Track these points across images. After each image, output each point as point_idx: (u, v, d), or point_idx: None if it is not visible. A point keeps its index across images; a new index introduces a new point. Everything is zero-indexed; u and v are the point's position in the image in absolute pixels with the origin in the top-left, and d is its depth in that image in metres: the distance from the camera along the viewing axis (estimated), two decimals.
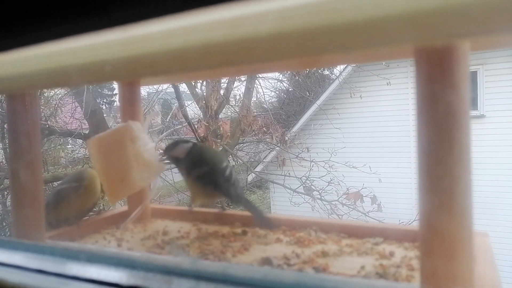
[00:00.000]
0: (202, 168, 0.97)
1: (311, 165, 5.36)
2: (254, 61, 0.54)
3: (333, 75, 7.42)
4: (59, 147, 5.24)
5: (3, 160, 4.56)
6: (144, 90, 5.43)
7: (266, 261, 0.76)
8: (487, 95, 5.70)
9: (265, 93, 7.20)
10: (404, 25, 0.37)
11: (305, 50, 0.43)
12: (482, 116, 5.68)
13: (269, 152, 6.31)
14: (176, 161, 1.02)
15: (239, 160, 5.75)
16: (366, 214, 4.84)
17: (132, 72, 0.57)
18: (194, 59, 0.49)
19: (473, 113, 5.56)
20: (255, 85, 6.12)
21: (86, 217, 1.08)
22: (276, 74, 7.65)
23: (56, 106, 4.89)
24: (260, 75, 5.82)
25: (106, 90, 10.30)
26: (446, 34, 0.38)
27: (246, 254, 0.82)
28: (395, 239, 0.83)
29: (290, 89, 9.16)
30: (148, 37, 0.48)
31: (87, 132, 4.90)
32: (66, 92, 4.91)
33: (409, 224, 4.00)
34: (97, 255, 0.52)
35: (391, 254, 0.76)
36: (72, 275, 0.48)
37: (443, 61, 0.45)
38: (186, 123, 4.88)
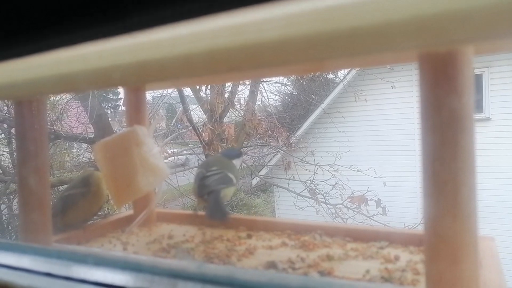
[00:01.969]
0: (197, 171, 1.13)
1: (316, 169, 5.35)
2: (259, 66, 0.54)
3: (338, 78, 7.41)
4: (64, 151, 5.27)
5: (10, 165, 4.59)
6: (149, 95, 5.45)
7: (271, 265, 0.76)
8: (493, 98, 5.66)
9: (269, 97, 7.19)
10: (408, 31, 0.38)
11: (310, 56, 0.43)
12: (488, 119, 5.64)
13: (274, 156, 6.31)
14: None
15: (243, 164, 5.75)
16: (371, 217, 4.82)
17: (139, 77, 0.58)
18: (200, 65, 0.49)
19: (478, 116, 5.53)
20: (260, 89, 6.13)
21: (91, 221, 1.08)
22: (280, 78, 7.65)
23: (61, 110, 4.92)
24: (264, 79, 5.83)
25: (111, 95, 10.35)
26: (449, 39, 0.38)
27: (251, 258, 0.82)
28: (400, 243, 0.83)
29: (294, 93, 9.15)
30: (155, 44, 0.48)
31: (92, 136, 4.92)
32: (71, 96, 4.94)
33: (414, 227, 3.98)
34: (104, 258, 0.53)
35: (396, 258, 0.76)
36: (79, 278, 0.49)
37: (447, 66, 0.45)
38: (191, 127, 4.90)
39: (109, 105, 10.42)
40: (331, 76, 8.08)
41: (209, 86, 4.87)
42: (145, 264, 0.49)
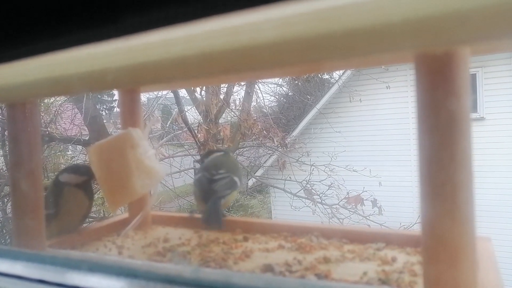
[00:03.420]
0: (199, 173, 1.07)
1: (312, 169, 5.35)
2: (254, 68, 0.54)
3: (333, 79, 7.43)
4: (59, 153, 5.23)
5: (3, 167, 4.56)
6: (144, 96, 5.43)
7: (268, 268, 0.75)
8: (487, 98, 5.70)
9: (264, 97, 7.19)
10: (404, 32, 0.37)
11: (305, 58, 0.43)
12: (482, 119, 5.68)
13: (270, 157, 6.31)
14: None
15: (239, 165, 5.73)
16: (367, 217, 4.83)
17: (133, 80, 0.57)
18: (195, 67, 0.49)
19: (473, 115, 5.53)
20: (255, 90, 6.13)
21: (85, 224, 1.07)
22: (275, 79, 7.66)
23: (56, 112, 4.89)
24: (260, 80, 5.83)
25: (106, 97, 10.31)
26: (446, 40, 0.38)
27: (247, 261, 0.81)
28: (397, 244, 0.83)
29: (289, 94, 9.17)
30: (149, 46, 0.48)
31: (86, 138, 4.89)
32: (66, 98, 4.91)
33: (410, 227, 4.00)
34: (98, 264, 0.52)
35: (394, 259, 0.76)
36: (73, 284, 0.48)
37: (443, 67, 0.45)
38: (186, 128, 4.88)
39: (104, 107, 10.38)
40: (326, 76, 8.10)
41: (204, 87, 4.86)
42: (140, 269, 0.49)
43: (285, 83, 8.34)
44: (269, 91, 8.28)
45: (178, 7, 0.30)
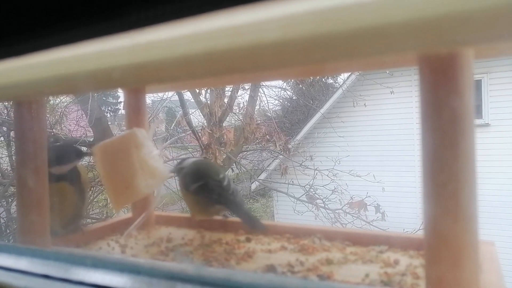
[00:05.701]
0: (199, 181, 1.00)
1: (315, 174, 5.34)
2: (258, 68, 0.54)
3: (337, 83, 7.44)
4: None
5: (8, 168, 4.58)
6: (148, 98, 5.45)
7: (271, 269, 0.76)
8: (492, 104, 5.67)
9: (268, 101, 7.21)
10: (408, 33, 0.38)
11: (309, 58, 0.43)
12: (487, 125, 5.65)
13: (273, 160, 6.31)
14: (178, 173, 1.08)
15: (242, 168, 5.74)
16: (370, 223, 4.81)
17: (138, 79, 0.57)
18: (199, 66, 0.49)
19: (478, 121, 5.53)
20: (259, 94, 6.14)
21: (84, 220, 1.07)
22: (279, 83, 7.68)
23: (61, 113, 4.92)
24: (263, 84, 5.84)
25: (111, 98, 10.36)
26: (450, 41, 0.38)
27: (250, 262, 0.82)
28: (400, 247, 0.82)
29: (293, 98, 9.18)
30: (154, 45, 0.48)
31: (91, 139, 4.91)
32: (71, 100, 4.94)
33: (414, 233, 3.97)
34: (102, 260, 0.52)
35: (396, 262, 0.76)
36: (77, 280, 0.48)
37: (447, 68, 0.45)
38: (190, 131, 4.89)
39: (109, 108, 10.42)
40: (330, 81, 8.11)
41: (208, 90, 4.88)
42: (143, 266, 0.49)
43: (289, 87, 8.36)
44: (273, 95, 8.30)
45: (184, 1, 0.30)
